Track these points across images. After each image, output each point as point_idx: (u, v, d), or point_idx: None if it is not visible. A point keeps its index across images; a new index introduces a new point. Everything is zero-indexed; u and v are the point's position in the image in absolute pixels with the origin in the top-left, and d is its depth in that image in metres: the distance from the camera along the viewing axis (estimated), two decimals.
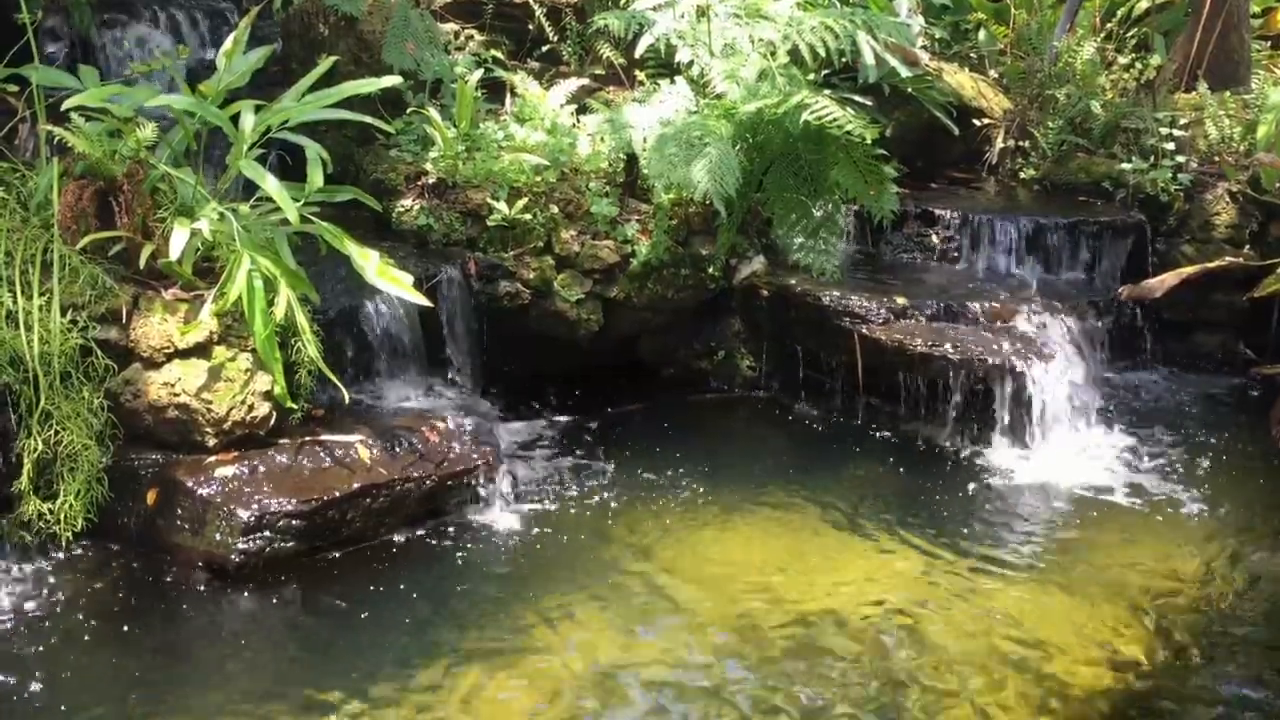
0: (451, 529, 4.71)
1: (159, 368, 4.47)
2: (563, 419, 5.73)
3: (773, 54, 5.97)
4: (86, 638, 3.96)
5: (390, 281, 4.76)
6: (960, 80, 7.09)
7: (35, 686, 3.71)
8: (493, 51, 6.58)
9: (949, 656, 3.98)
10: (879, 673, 3.89)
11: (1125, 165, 6.68)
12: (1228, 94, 7.04)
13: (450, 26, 6.69)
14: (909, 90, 6.71)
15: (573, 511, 4.90)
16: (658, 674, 3.87)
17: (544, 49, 6.97)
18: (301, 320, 4.55)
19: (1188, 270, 6.32)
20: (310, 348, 4.57)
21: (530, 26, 6.98)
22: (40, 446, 4.21)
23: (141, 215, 4.65)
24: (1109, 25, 7.78)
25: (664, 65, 6.38)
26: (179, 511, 4.32)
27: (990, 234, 6.43)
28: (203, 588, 4.26)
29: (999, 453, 5.50)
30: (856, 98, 6.48)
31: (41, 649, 3.88)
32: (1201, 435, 5.77)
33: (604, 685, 3.81)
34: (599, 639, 4.04)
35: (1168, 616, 4.25)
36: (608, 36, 6.62)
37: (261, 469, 4.42)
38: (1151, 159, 6.68)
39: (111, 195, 4.60)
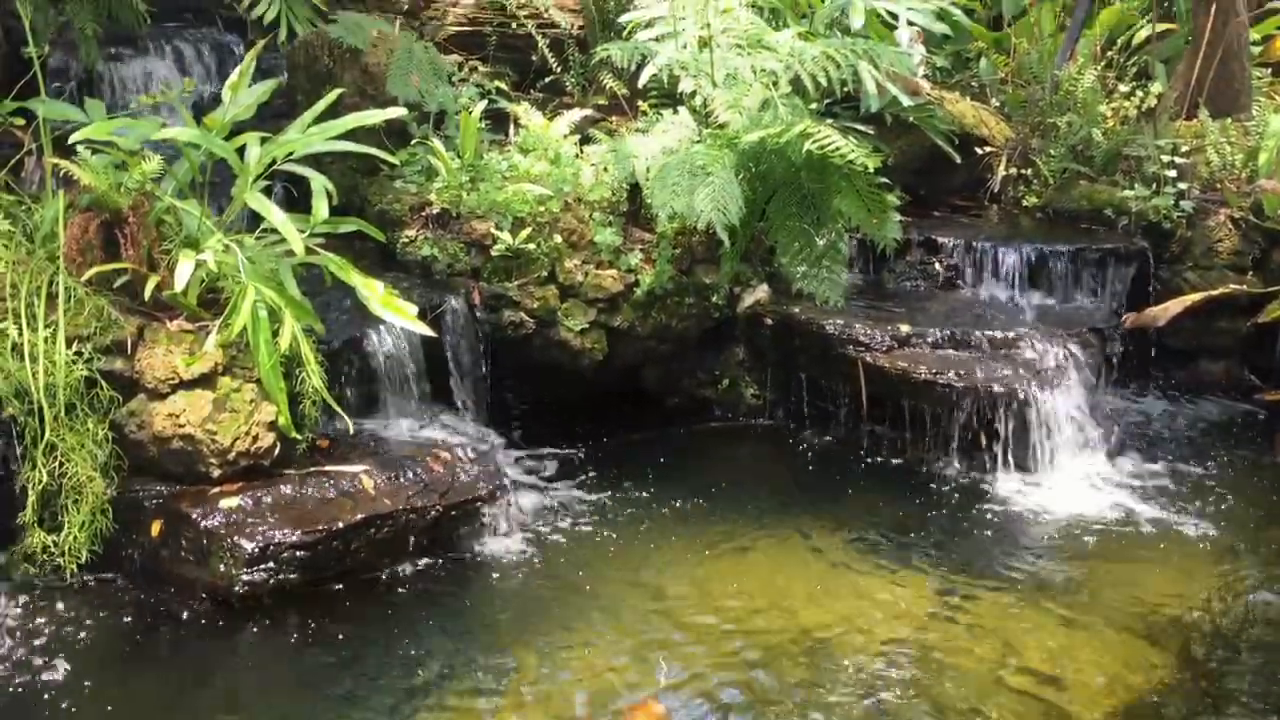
0: (456, 559, 4.70)
1: (164, 399, 4.47)
2: (567, 448, 5.72)
3: (775, 84, 6.00)
4: (90, 670, 3.95)
5: (394, 312, 4.77)
6: (962, 109, 7.12)
7: (39, 718, 3.69)
8: (496, 83, 6.62)
9: (954, 686, 3.96)
10: (883, 702, 3.87)
11: (1127, 192, 6.69)
12: (1229, 121, 7.05)
13: (454, 58, 6.74)
14: (911, 119, 6.74)
15: (577, 541, 4.90)
16: (662, 705, 3.85)
17: (547, 80, 7.01)
18: (306, 351, 4.56)
19: (1191, 297, 6.32)
20: (314, 378, 4.58)
21: (533, 58, 7.03)
22: (45, 478, 4.22)
23: (147, 247, 4.67)
24: (1109, 53, 7.81)
25: (667, 95, 6.41)
26: (183, 543, 4.32)
27: (993, 262, 6.44)
28: (206, 619, 4.25)
29: (1003, 480, 5.49)
30: (858, 126, 6.51)
31: (45, 680, 3.87)
32: (1206, 461, 5.75)
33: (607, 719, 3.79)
34: (602, 670, 4.03)
35: (1176, 644, 4.23)
36: (611, 67, 6.66)
37: (266, 500, 4.41)
38: (1154, 186, 6.69)
39: (117, 227, 4.63)
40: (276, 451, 4.58)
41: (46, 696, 3.80)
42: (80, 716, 3.73)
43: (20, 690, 3.82)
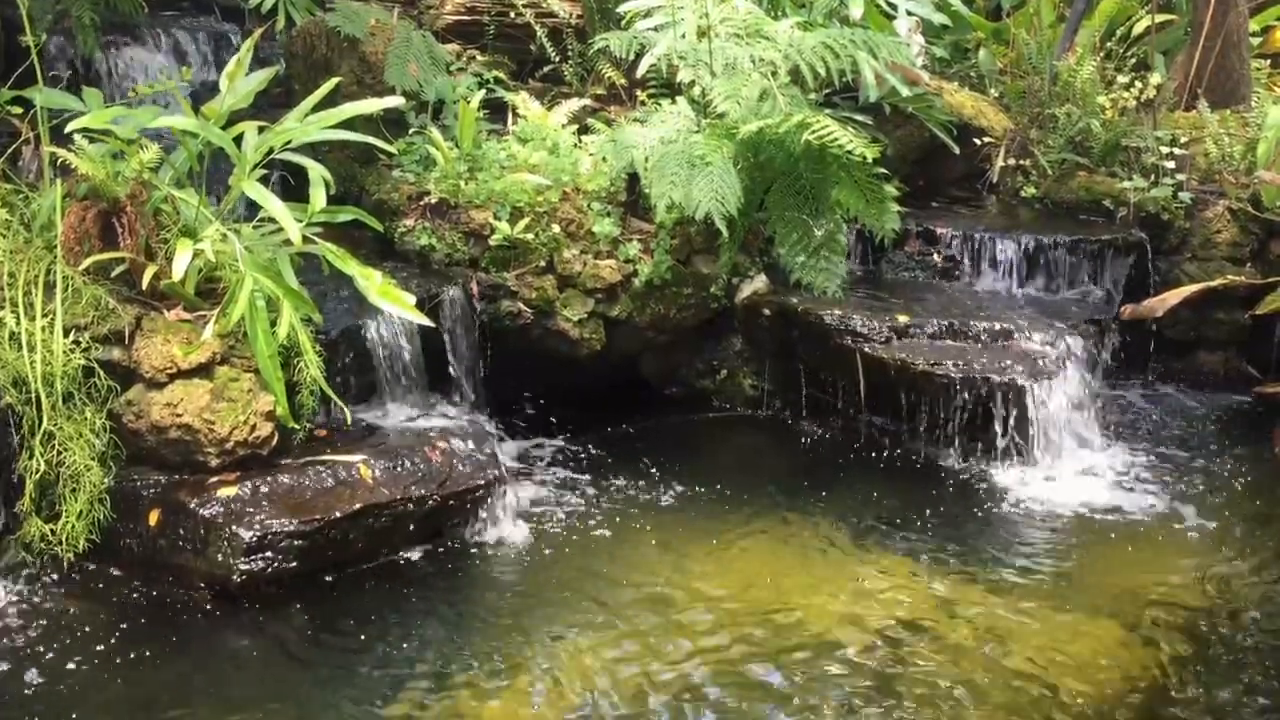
0: (453, 549, 4.71)
1: (161, 388, 4.47)
2: (565, 438, 5.73)
3: (774, 74, 5.99)
4: (87, 660, 3.95)
5: (393, 301, 4.77)
6: (960, 99, 7.11)
7: (36, 708, 3.70)
8: (495, 72, 6.60)
9: (951, 676, 3.96)
10: (879, 691, 3.88)
11: (1126, 184, 6.69)
12: (1228, 112, 7.06)
13: (452, 47, 6.72)
14: (909, 109, 6.73)
15: (574, 531, 4.90)
16: (659, 696, 3.86)
17: (546, 69, 7.00)
18: (304, 340, 4.56)
19: (1189, 289, 6.33)
20: (312, 368, 4.58)
21: (532, 47, 7.01)
22: (42, 467, 4.21)
23: (145, 236, 4.66)
24: (1109, 44, 7.81)
25: (665, 85, 6.40)
26: (181, 532, 4.32)
27: (991, 252, 6.44)
28: (205, 608, 4.25)
29: (1001, 471, 5.50)
30: (857, 117, 6.51)
31: (42, 670, 3.88)
32: (1204, 453, 5.76)
33: (604, 710, 3.79)
34: (600, 660, 4.03)
35: (1172, 635, 4.23)
36: (609, 57, 6.65)
37: (264, 489, 4.41)
38: (1152, 177, 6.69)
39: (115, 216, 4.62)
40: (274, 441, 4.58)
41: (43, 685, 3.81)
42: (76, 705, 3.73)
43: (17, 679, 3.82)
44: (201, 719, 3.72)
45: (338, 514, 4.39)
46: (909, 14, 6.74)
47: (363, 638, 4.13)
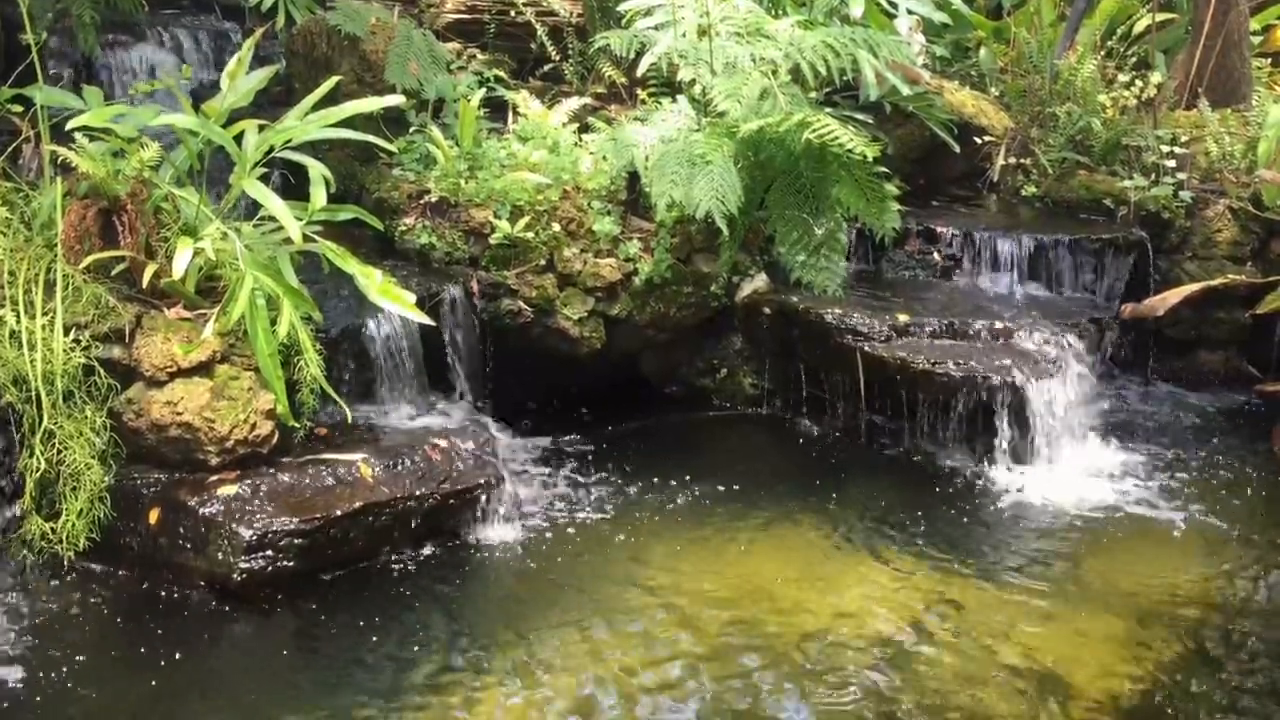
0: (453, 547, 4.71)
1: (162, 386, 4.47)
2: (565, 437, 5.73)
3: (774, 73, 5.99)
4: (87, 657, 3.96)
5: (393, 300, 4.77)
6: (961, 98, 7.11)
7: (35, 705, 3.70)
8: (495, 71, 6.61)
9: (950, 676, 3.96)
10: (879, 692, 3.88)
11: (1126, 183, 6.69)
12: (1228, 111, 7.05)
13: (452, 46, 6.73)
14: (910, 108, 6.73)
15: (574, 530, 4.90)
16: (657, 696, 3.86)
17: (546, 68, 7.00)
18: (304, 338, 4.56)
19: (1190, 288, 6.33)
20: (313, 366, 4.58)
21: (532, 46, 7.02)
22: (43, 466, 4.21)
23: (145, 235, 4.67)
24: (1109, 43, 7.81)
25: (666, 84, 6.40)
26: (181, 530, 4.32)
27: (992, 251, 6.44)
28: (205, 607, 4.25)
29: (1001, 470, 5.50)
30: (858, 115, 6.51)
31: (42, 668, 3.88)
32: (1204, 452, 5.76)
33: (603, 709, 3.80)
34: (598, 660, 4.03)
35: (1173, 634, 4.23)
36: (610, 55, 6.65)
37: (264, 488, 4.42)
38: (1153, 176, 6.69)
39: (115, 215, 4.62)
40: (274, 439, 4.58)
41: (43, 683, 3.81)
42: (76, 704, 3.74)
43: (16, 678, 3.83)
44: (200, 718, 3.72)
45: (338, 513, 4.39)
46: (910, 13, 6.74)
47: (362, 636, 4.13)
